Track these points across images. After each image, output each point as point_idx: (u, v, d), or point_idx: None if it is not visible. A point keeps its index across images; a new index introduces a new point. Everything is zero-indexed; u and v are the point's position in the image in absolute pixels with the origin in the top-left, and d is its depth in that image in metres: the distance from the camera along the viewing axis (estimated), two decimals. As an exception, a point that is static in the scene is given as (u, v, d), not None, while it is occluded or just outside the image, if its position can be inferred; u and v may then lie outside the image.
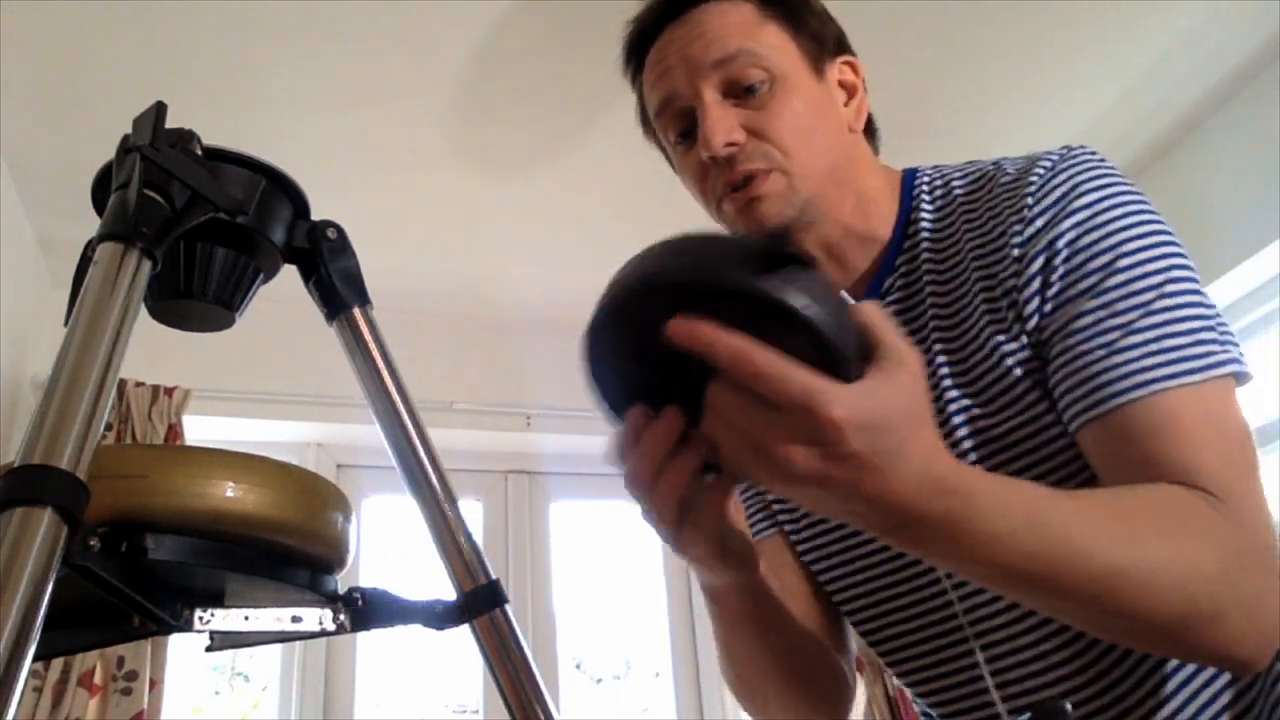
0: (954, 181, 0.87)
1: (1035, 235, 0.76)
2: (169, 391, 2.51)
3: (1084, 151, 0.79)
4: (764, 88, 0.82)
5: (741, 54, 0.82)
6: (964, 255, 0.81)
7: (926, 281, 0.84)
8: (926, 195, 0.87)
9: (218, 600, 0.66)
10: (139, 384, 2.48)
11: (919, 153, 1.07)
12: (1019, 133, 2.50)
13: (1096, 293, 0.72)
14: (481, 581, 0.65)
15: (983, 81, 2.34)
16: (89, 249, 0.60)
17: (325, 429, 2.77)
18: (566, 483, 3.05)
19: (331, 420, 2.70)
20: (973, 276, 0.80)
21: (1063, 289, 0.74)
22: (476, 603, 0.65)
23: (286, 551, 0.62)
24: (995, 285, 0.78)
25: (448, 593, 0.66)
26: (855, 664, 0.97)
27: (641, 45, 0.89)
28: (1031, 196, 0.77)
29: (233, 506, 0.59)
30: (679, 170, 0.90)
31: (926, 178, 0.89)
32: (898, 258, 0.86)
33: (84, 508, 0.48)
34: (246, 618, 0.65)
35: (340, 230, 0.72)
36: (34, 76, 2.05)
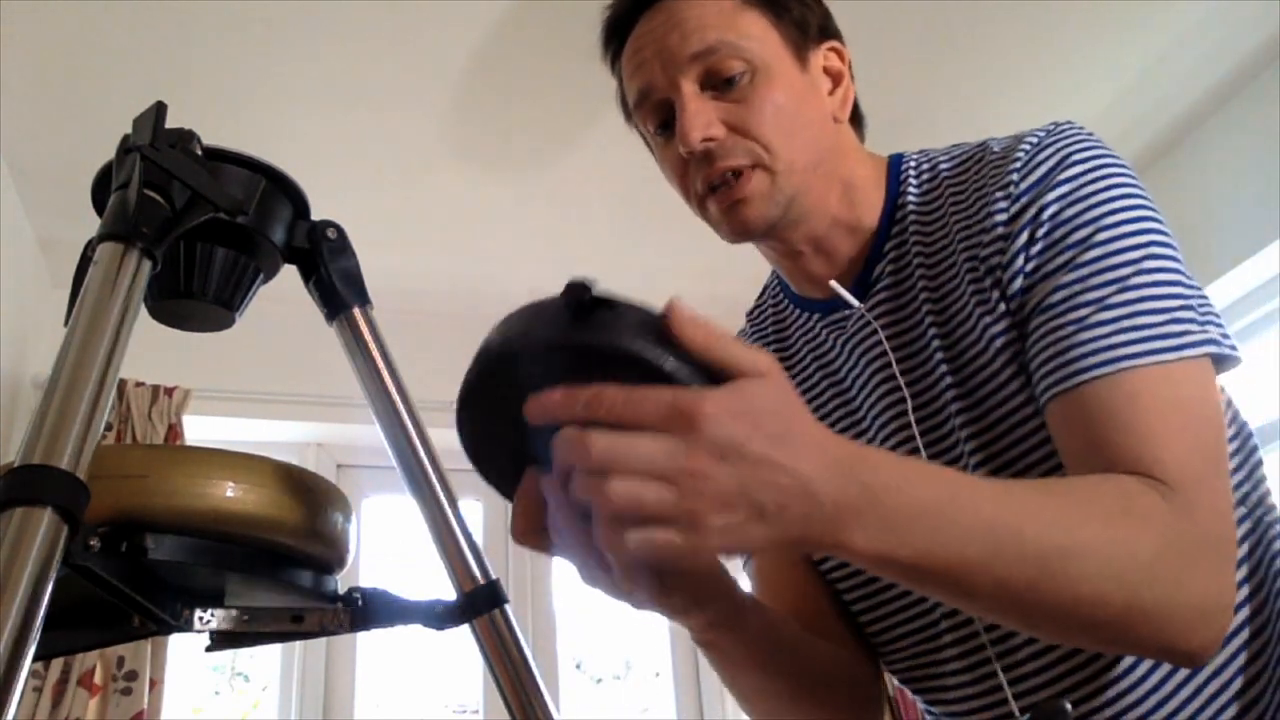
0: (940, 163, 0.85)
1: (1020, 211, 0.74)
2: (169, 391, 2.51)
3: (1070, 127, 0.78)
4: (744, 79, 0.80)
5: (720, 46, 0.79)
6: (952, 236, 0.80)
7: (916, 265, 0.82)
8: (914, 179, 0.86)
9: (218, 600, 0.66)
10: (139, 384, 2.48)
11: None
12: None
13: (1073, 266, 0.71)
14: (481, 581, 0.65)
15: (981, 81, 2.34)
16: (89, 249, 0.60)
17: (325, 429, 2.77)
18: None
19: (331, 420, 2.70)
20: (961, 258, 0.79)
21: (1041, 264, 0.73)
22: (476, 603, 0.65)
23: (286, 551, 0.62)
24: (980, 264, 0.77)
25: (448, 593, 0.66)
26: None
27: (619, 30, 0.87)
28: (1017, 172, 0.76)
29: (233, 506, 0.59)
30: (659, 162, 0.88)
31: (913, 162, 0.87)
32: (886, 244, 0.85)
33: (84, 508, 0.48)
34: (246, 618, 0.65)
35: (340, 230, 0.72)
36: (34, 76, 2.05)
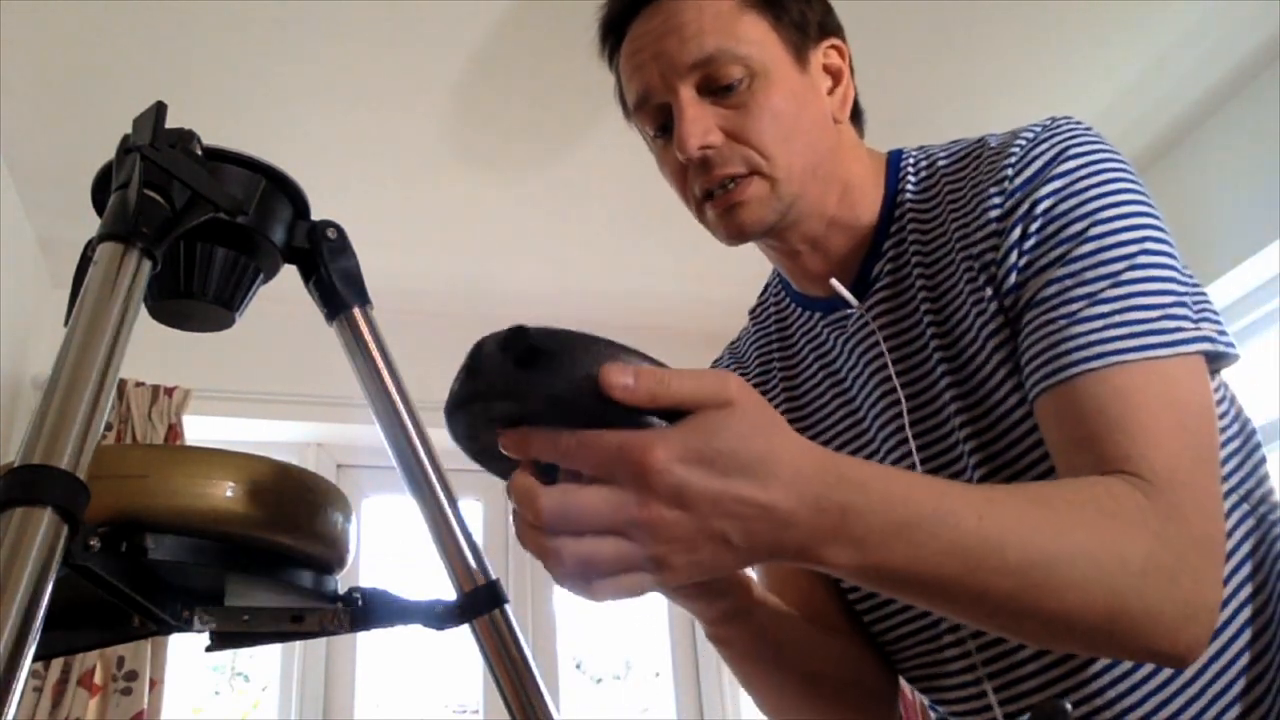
0: (939, 159, 0.85)
1: (1014, 206, 0.74)
2: (169, 391, 2.51)
3: (1068, 121, 0.77)
4: (743, 85, 0.79)
5: (719, 55, 0.79)
6: (949, 233, 0.80)
7: (914, 264, 0.82)
8: (912, 175, 0.86)
9: (218, 600, 0.66)
10: (139, 384, 2.48)
11: (919, 153, 1.07)
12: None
13: (1066, 261, 0.71)
14: (481, 581, 0.65)
15: (981, 82, 2.34)
16: (89, 249, 0.60)
17: (325, 429, 2.77)
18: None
19: (331, 420, 2.70)
20: (957, 255, 0.78)
21: (1034, 259, 0.72)
22: (476, 603, 0.65)
23: (286, 551, 0.62)
24: (975, 261, 0.76)
25: (448, 593, 0.66)
26: None
27: (615, 27, 0.86)
28: (1012, 167, 0.75)
29: (233, 506, 0.59)
30: (659, 165, 0.88)
31: (912, 158, 0.87)
32: (885, 243, 0.85)
33: (84, 508, 0.48)
34: (246, 618, 0.65)
35: (340, 230, 0.72)
36: (34, 76, 2.05)
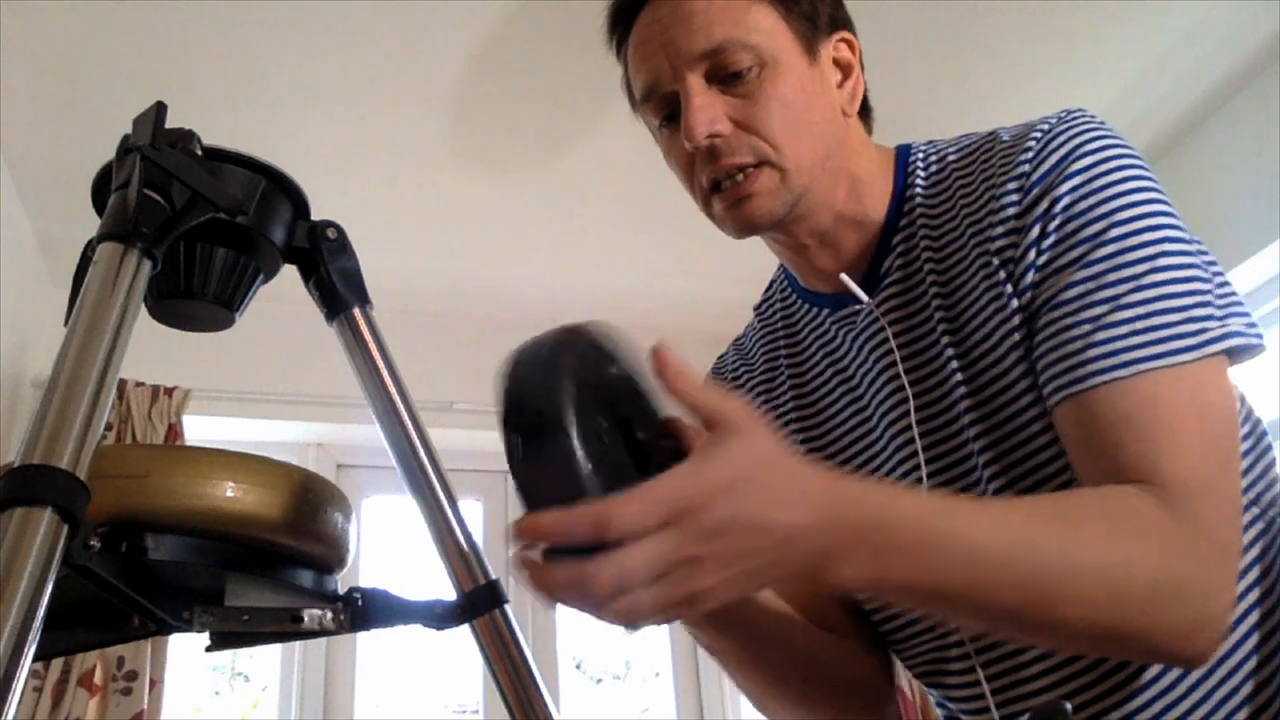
0: (948, 154, 0.84)
1: (1033, 202, 0.73)
2: (169, 391, 2.51)
3: (1082, 114, 0.76)
4: (752, 74, 0.78)
5: (728, 44, 0.78)
6: (961, 227, 0.79)
7: (925, 259, 0.81)
8: (921, 171, 0.85)
9: (218, 600, 0.66)
10: (139, 384, 2.48)
11: (919, 153, 1.07)
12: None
13: (1086, 263, 0.70)
14: (481, 581, 0.65)
15: (981, 82, 2.34)
16: (89, 249, 0.60)
17: (325, 429, 2.77)
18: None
19: (331, 420, 2.70)
20: (971, 249, 0.78)
21: (1053, 258, 0.72)
22: (476, 603, 0.65)
23: (286, 551, 0.62)
24: (993, 256, 0.75)
25: (448, 593, 0.66)
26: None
27: (624, 16, 0.85)
28: (1028, 162, 0.75)
29: (233, 506, 0.59)
30: (665, 155, 0.87)
31: (921, 153, 0.86)
32: (895, 238, 0.84)
33: (84, 508, 0.48)
34: (246, 618, 0.65)
35: (340, 230, 0.72)
36: (34, 76, 2.05)
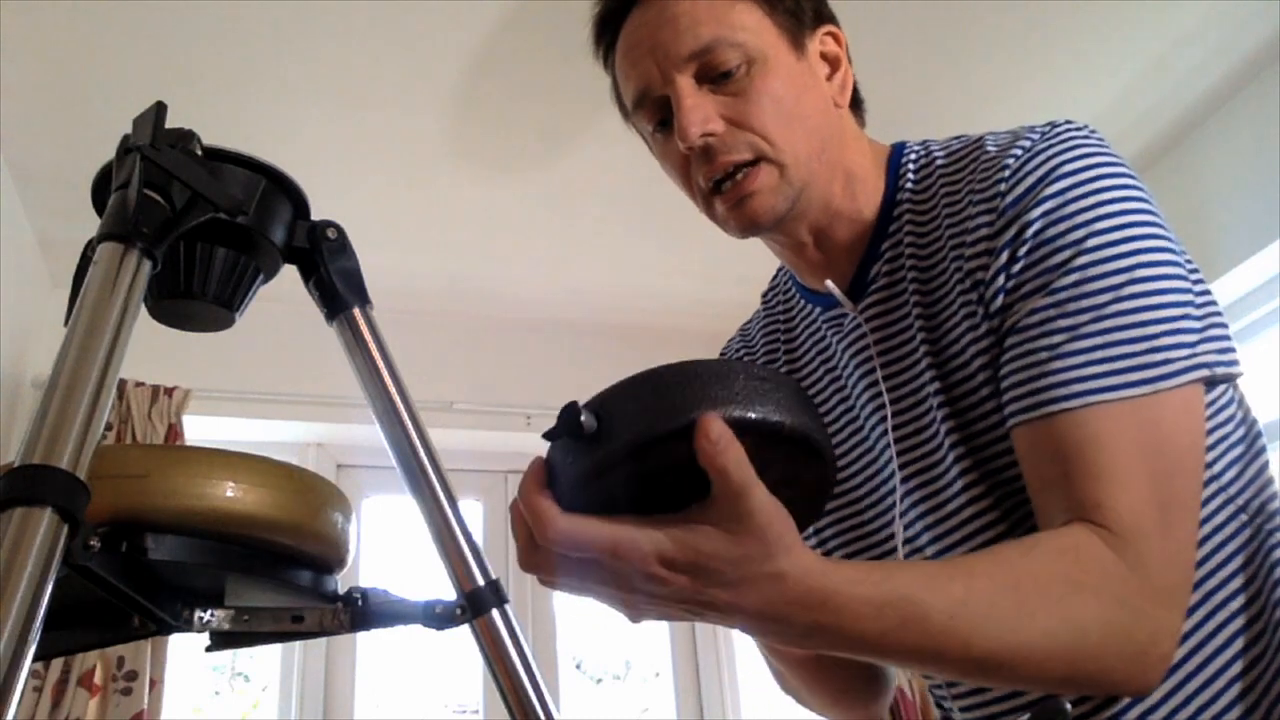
0: (937, 156, 0.84)
1: (1005, 226, 0.73)
2: (169, 391, 2.51)
3: (1067, 129, 0.75)
4: (741, 71, 0.78)
5: (715, 43, 0.78)
6: (943, 238, 0.79)
7: (909, 267, 0.81)
8: (912, 172, 0.84)
9: (218, 600, 0.66)
10: (139, 384, 2.48)
11: (919, 153, 1.06)
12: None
13: (1050, 290, 0.69)
14: (481, 581, 0.65)
15: (980, 83, 2.34)
16: (89, 249, 0.60)
17: (325, 429, 2.77)
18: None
19: (331, 420, 2.70)
20: (950, 264, 0.77)
21: (1020, 283, 0.71)
22: (476, 603, 0.65)
23: (286, 551, 0.62)
24: (966, 276, 0.75)
25: (448, 593, 0.66)
26: None
27: (610, 25, 0.85)
28: (1005, 182, 0.74)
29: (233, 506, 0.59)
30: (660, 159, 0.87)
31: (913, 155, 0.86)
32: (884, 243, 0.83)
33: (84, 508, 0.48)
34: (246, 618, 0.65)
35: (340, 230, 0.72)
36: (34, 76, 2.05)
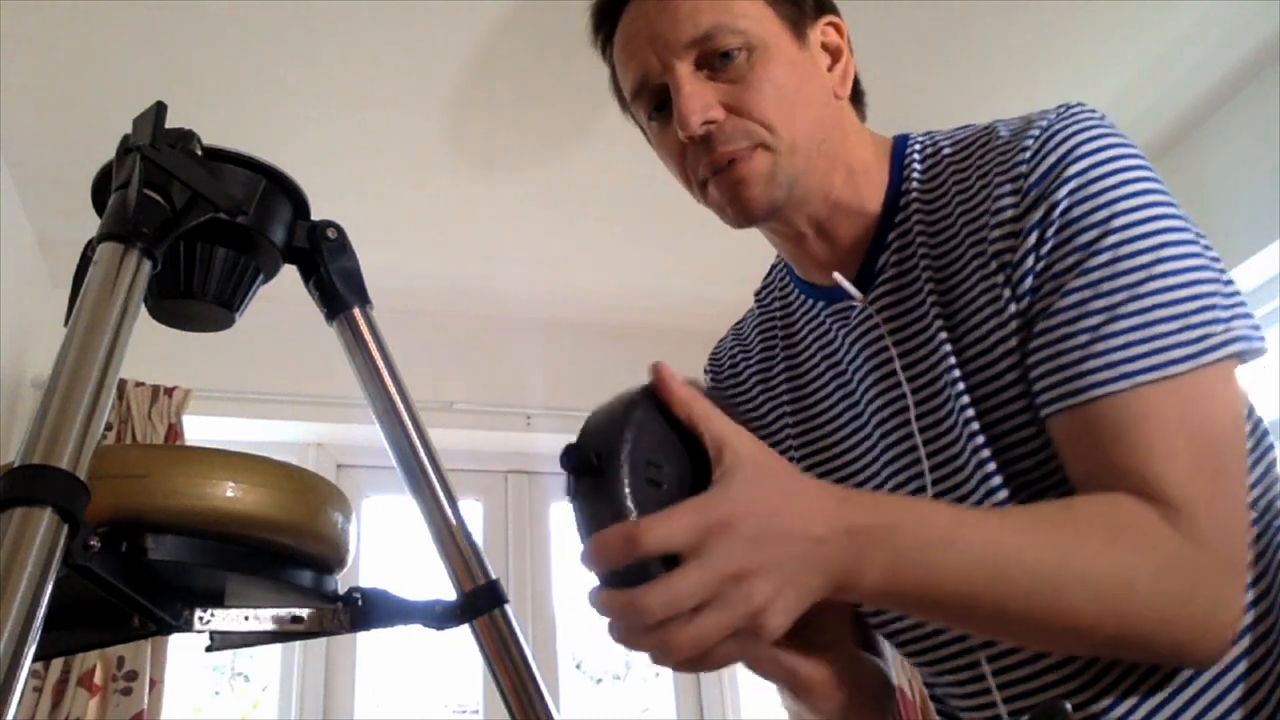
0: (943, 146, 0.83)
1: (1030, 206, 0.72)
2: (169, 391, 2.51)
3: (1081, 110, 0.75)
4: (741, 57, 0.77)
5: (715, 30, 0.77)
6: (956, 223, 0.78)
7: (921, 255, 0.80)
8: (918, 163, 0.84)
9: (218, 600, 0.66)
10: (139, 384, 2.48)
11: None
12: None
13: (1083, 270, 0.69)
14: (481, 581, 0.65)
15: (980, 82, 2.34)
16: (89, 249, 0.60)
17: (325, 429, 2.77)
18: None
19: (331, 420, 2.70)
20: (966, 247, 0.77)
21: (1050, 264, 0.71)
22: (476, 603, 0.65)
23: (286, 551, 0.62)
24: (990, 259, 0.75)
25: (448, 593, 0.66)
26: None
27: (608, 15, 0.85)
28: (1025, 164, 0.74)
29: (233, 506, 0.59)
30: (656, 147, 0.86)
31: (918, 145, 0.85)
32: (890, 233, 0.83)
33: (84, 508, 0.48)
34: (246, 618, 0.65)
35: (340, 230, 0.72)
36: (34, 76, 2.05)
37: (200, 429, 2.58)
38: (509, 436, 2.92)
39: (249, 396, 2.66)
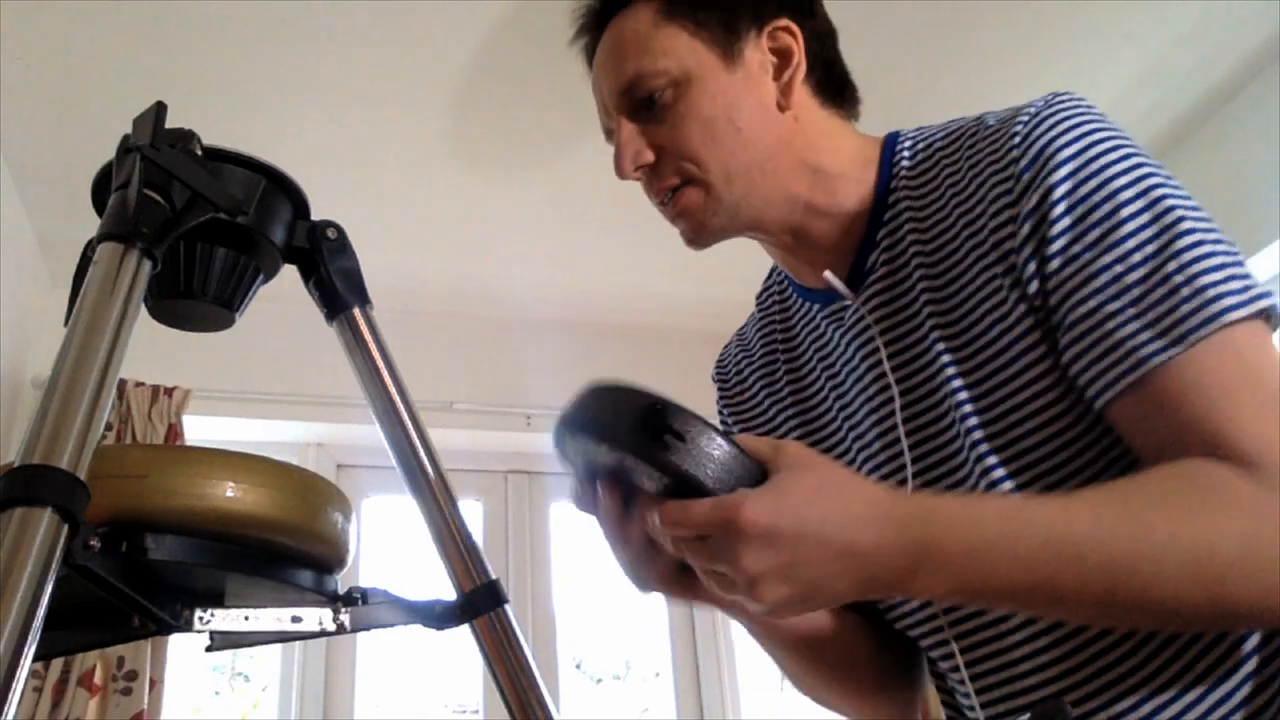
0: (935, 140, 0.83)
1: (1025, 190, 0.72)
2: (169, 391, 2.51)
3: (1068, 97, 0.75)
4: (667, 94, 0.81)
5: (637, 76, 0.81)
6: (951, 218, 0.78)
7: (913, 253, 0.80)
8: (906, 159, 0.84)
9: (218, 600, 0.66)
10: (139, 384, 2.48)
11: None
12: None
13: (1106, 247, 0.68)
14: (481, 581, 0.65)
15: (979, 83, 2.34)
16: (89, 249, 0.60)
17: (325, 429, 2.77)
18: (566, 483, 3.05)
19: (331, 420, 2.70)
20: (963, 242, 0.76)
21: (1066, 246, 0.70)
22: (476, 603, 0.65)
23: (286, 551, 0.62)
24: (988, 248, 0.74)
25: (448, 593, 0.66)
26: None
27: (588, 52, 0.90)
28: (1017, 149, 0.73)
29: (233, 506, 0.59)
30: None
31: (908, 140, 0.85)
32: (880, 231, 0.82)
33: (84, 508, 0.48)
34: (246, 618, 0.65)
35: (340, 230, 0.72)
36: (34, 76, 2.05)
37: (200, 429, 2.58)
38: (509, 436, 2.92)
39: (249, 396, 2.66)
